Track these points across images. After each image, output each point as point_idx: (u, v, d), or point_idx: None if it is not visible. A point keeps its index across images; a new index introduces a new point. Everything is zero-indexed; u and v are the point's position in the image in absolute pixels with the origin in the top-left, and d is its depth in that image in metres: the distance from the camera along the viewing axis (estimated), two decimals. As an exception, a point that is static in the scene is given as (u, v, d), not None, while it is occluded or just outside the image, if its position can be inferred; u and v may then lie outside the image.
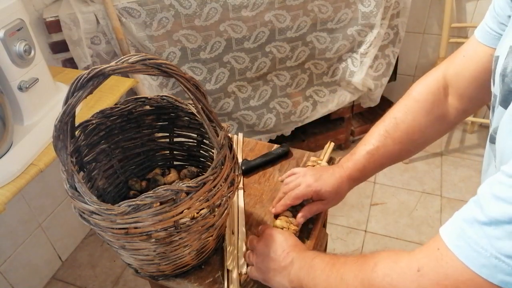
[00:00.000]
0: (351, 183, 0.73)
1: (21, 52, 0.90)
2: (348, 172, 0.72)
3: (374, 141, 0.71)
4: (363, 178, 0.74)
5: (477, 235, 0.36)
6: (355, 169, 0.72)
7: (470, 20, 1.93)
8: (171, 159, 0.82)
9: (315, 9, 1.52)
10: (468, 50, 0.62)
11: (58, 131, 0.53)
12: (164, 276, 0.68)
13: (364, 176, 0.73)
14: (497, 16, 0.54)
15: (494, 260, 0.34)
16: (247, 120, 1.70)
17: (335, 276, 0.51)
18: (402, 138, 0.69)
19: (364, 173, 0.72)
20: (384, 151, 0.70)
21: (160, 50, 1.39)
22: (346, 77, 1.75)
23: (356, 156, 0.73)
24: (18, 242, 1.41)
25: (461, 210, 0.40)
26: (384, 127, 0.71)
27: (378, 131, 0.71)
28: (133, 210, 0.51)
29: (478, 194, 0.39)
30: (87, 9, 1.28)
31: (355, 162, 0.72)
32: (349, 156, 0.74)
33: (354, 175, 0.72)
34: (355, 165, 0.72)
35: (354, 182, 0.73)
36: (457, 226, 0.39)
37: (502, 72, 0.46)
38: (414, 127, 0.68)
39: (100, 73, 0.49)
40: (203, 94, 0.56)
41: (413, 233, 1.67)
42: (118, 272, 1.60)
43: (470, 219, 0.37)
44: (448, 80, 0.66)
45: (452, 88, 0.66)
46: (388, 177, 1.94)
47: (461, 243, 0.37)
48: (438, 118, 0.68)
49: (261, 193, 0.83)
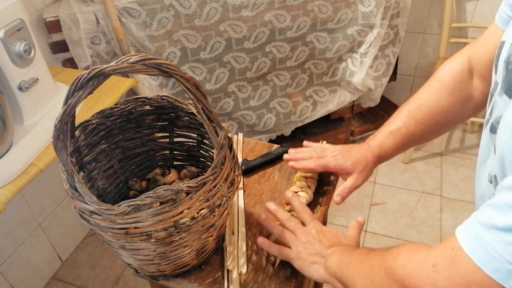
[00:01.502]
0: (376, 160, 0.75)
1: (21, 52, 0.90)
2: (373, 149, 0.74)
3: (398, 122, 0.72)
4: (387, 157, 0.75)
5: (493, 240, 0.36)
6: (379, 147, 0.74)
7: (470, 20, 1.93)
8: (171, 159, 0.82)
9: (315, 9, 1.52)
10: (488, 33, 0.62)
11: (58, 131, 0.53)
12: (164, 276, 0.68)
13: (388, 155, 0.75)
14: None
15: (508, 265, 0.35)
16: (247, 120, 1.70)
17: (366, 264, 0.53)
18: (424, 119, 0.70)
19: (388, 152, 0.74)
20: (406, 131, 0.72)
21: (160, 50, 1.39)
22: (346, 77, 1.75)
23: (379, 136, 0.74)
24: (18, 242, 1.41)
25: (479, 212, 0.40)
26: (408, 108, 0.72)
27: (402, 112, 0.73)
28: (133, 210, 0.51)
29: (496, 198, 0.38)
30: (87, 9, 1.28)
31: (378, 141, 0.74)
32: (373, 136, 0.76)
33: (379, 153, 0.74)
34: (379, 143, 0.74)
35: (379, 159, 0.75)
36: (474, 228, 0.39)
37: (506, 59, 0.45)
38: (436, 108, 0.69)
39: (100, 73, 0.48)
40: (203, 94, 0.56)
41: (413, 233, 1.67)
42: (118, 272, 1.60)
43: (487, 223, 0.37)
44: (472, 63, 0.66)
45: (476, 70, 0.66)
46: (388, 177, 1.95)
47: (477, 246, 0.37)
48: (462, 99, 0.68)
49: (261, 193, 0.83)
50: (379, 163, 0.76)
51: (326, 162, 0.76)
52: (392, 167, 2.00)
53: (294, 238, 0.66)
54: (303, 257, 0.63)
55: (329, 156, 0.76)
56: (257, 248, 0.72)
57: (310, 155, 0.79)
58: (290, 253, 0.65)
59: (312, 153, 0.79)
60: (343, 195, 0.75)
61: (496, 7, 0.58)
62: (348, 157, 0.75)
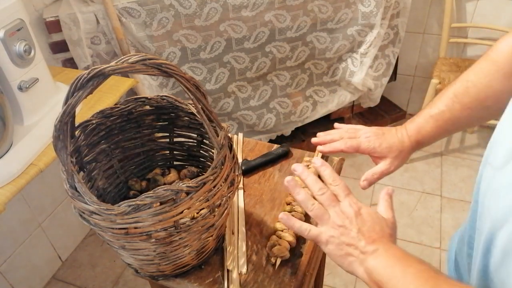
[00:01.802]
0: (413, 145, 0.67)
1: (21, 52, 0.90)
2: (410, 133, 0.67)
3: (441, 105, 0.64)
4: (426, 142, 0.68)
5: None
6: (417, 132, 0.67)
7: (470, 20, 1.93)
8: (171, 159, 0.82)
9: (315, 9, 1.52)
10: None
11: (58, 131, 0.53)
12: (164, 276, 0.68)
13: (427, 141, 0.67)
14: None
15: None
16: (247, 120, 1.70)
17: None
18: (472, 104, 0.62)
19: (427, 137, 0.67)
20: (450, 116, 0.64)
21: (160, 50, 1.39)
22: (346, 77, 1.75)
23: (419, 119, 0.67)
24: (18, 242, 1.41)
25: None
26: (454, 90, 0.64)
27: (446, 94, 0.65)
28: (133, 210, 0.51)
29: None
30: (87, 9, 1.28)
31: (417, 124, 0.67)
32: (412, 119, 0.68)
33: (416, 138, 0.67)
34: (417, 127, 0.67)
35: (417, 144, 0.67)
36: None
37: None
38: (487, 92, 0.61)
39: (100, 73, 0.48)
40: (203, 94, 0.56)
41: (413, 233, 1.67)
42: (118, 272, 1.60)
43: None
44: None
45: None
46: (388, 177, 1.94)
47: None
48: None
49: (261, 193, 0.83)
50: (417, 149, 0.68)
51: (357, 143, 0.68)
52: (392, 167, 2.00)
53: (327, 216, 0.54)
54: (335, 243, 0.52)
55: (362, 137, 0.69)
56: (257, 248, 0.72)
57: (340, 135, 0.72)
58: (320, 234, 0.54)
59: (343, 133, 0.72)
60: (371, 180, 0.68)
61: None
62: (382, 139, 0.68)
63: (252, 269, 0.69)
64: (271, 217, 0.78)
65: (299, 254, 0.71)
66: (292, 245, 0.70)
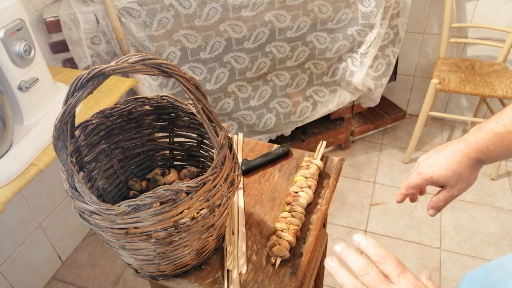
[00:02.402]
0: (473, 163, 0.61)
1: (21, 52, 0.90)
2: (469, 151, 0.60)
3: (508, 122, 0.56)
4: (489, 160, 0.61)
5: None
6: (477, 150, 0.60)
7: (470, 20, 1.93)
8: (171, 159, 0.82)
9: (315, 9, 1.52)
10: None
11: (58, 131, 0.53)
12: (164, 276, 0.68)
13: (489, 159, 0.60)
14: None
15: None
16: (247, 120, 1.70)
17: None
18: None
19: (489, 156, 0.60)
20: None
21: (160, 50, 1.39)
22: (346, 77, 1.75)
23: (481, 135, 0.59)
24: (18, 242, 1.41)
25: None
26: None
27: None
28: (133, 210, 0.51)
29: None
30: (87, 9, 1.28)
31: (478, 141, 0.59)
32: (475, 130, 0.61)
33: (476, 156, 0.60)
34: (478, 144, 0.59)
35: (478, 162, 0.61)
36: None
37: None
38: None
39: (100, 73, 0.48)
40: (203, 94, 0.56)
41: (413, 233, 1.67)
42: (118, 272, 1.60)
43: None
44: None
45: None
46: (388, 177, 1.94)
47: None
48: None
49: (261, 193, 0.83)
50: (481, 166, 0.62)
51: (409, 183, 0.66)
52: (392, 167, 2.00)
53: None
54: None
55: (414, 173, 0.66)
56: (257, 248, 0.72)
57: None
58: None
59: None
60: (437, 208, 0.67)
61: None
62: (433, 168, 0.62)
63: (252, 269, 0.69)
64: (271, 217, 0.78)
65: (299, 254, 0.71)
66: (292, 245, 0.70)
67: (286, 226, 0.72)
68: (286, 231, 0.71)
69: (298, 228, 0.73)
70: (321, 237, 0.83)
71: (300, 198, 0.77)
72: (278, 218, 0.75)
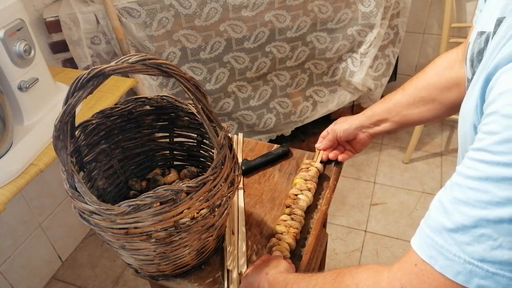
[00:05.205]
0: (361, 129, 0.83)
1: (21, 52, 0.90)
2: (360, 117, 0.83)
3: (391, 93, 0.81)
4: (374, 126, 0.82)
5: (447, 243, 0.36)
6: (365, 115, 0.82)
7: (470, 20, 1.93)
8: (171, 159, 0.82)
9: (315, 9, 1.52)
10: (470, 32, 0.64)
11: (58, 131, 0.53)
12: (164, 276, 0.68)
13: (374, 124, 0.82)
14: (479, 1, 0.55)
15: (468, 265, 0.34)
16: (247, 120, 1.70)
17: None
18: (410, 91, 0.78)
19: (373, 120, 0.81)
20: (395, 101, 0.80)
21: (160, 50, 1.39)
22: (346, 77, 1.75)
23: (373, 104, 0.83)
24: (18, 242, 1.41)
25: (426, 218, 0.39)
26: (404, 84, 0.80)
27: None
28: (133, 210, 0.51)
29: (441, 199, 0.38)
30: (87, 9, 1.28)
31: (369, 109, 0.82)
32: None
33: (365, 122, 0.82)
34: (367, 111, 0.82)
35: (365, 128, 0.83)
36: (426, 236, 0.38)
37: (470, 57, 0.47)
38: (422, 84, 0.76)
39: (100, 73, 0.49)
40: (203, 94, 0.56)
41: (413, 233, 1.66)
42: (118, 272, 1.60)
43: (438, 227, 0.37)
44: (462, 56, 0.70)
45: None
46: (388, 177, 1.95)
47: (434, 253, 0.37)
48: (447, 82, 0.72)
49: (261, 193, 0.83)
50: (370, 134, 0.83)
51: (324, 133, 0.90)
52: (392, 167, 2.01)
53: None
54: None
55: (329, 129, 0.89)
56: (257, 248, 0.72)
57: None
58: None
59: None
60: (331, 157, 0.88)
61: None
62: (337, 126, 0.86)
63: (252, 269, 0.69)
64: (271, 217, 0.78)
65: (299, 254, 0.71)
66: (292, 247, 0.70)
67: (285, 229, 0.72)
68: (286, 234, 0.71)
69: (298, 231, 0.73)
70: (321, 237, 0.83)
71: (300, 201, 0.76)
72: (278, 220, 0.75)
